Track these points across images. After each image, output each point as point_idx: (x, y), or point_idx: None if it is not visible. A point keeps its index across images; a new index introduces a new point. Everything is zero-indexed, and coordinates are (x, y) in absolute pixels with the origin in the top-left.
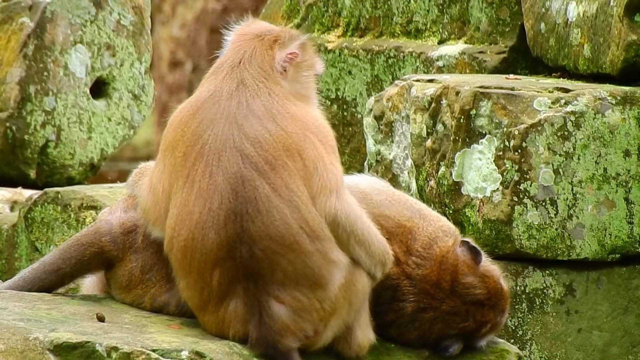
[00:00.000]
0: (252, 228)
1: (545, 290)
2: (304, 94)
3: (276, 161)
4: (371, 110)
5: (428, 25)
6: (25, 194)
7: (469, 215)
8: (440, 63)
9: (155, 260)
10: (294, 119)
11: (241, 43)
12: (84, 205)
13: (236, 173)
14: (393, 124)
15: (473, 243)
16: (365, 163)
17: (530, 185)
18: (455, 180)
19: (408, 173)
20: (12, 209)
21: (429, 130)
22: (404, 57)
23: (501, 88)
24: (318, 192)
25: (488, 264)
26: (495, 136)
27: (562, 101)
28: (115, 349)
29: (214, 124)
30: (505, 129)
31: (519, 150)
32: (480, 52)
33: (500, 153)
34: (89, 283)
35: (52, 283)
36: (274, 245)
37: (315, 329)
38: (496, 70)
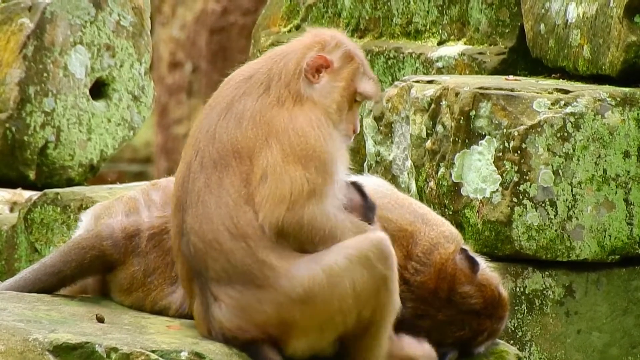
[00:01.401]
0: (188, 221)
1: (544, 292)
2: (322, 103)
3: (220, 160)
4: (371, 111)
5: (428, 27)
6: (24, 195)
7: (469, 217)
8: (439, 64)
9: (159, 264)
10: (262, 124)
11: (302, 38)
12: (84, 206)
13: (188, 163)
14: (393, 125)
15: (470, 252)
16: (365, 164)
17: (530, 187)
18: (454, 181)
19: (408, 174)
20: (11, 210)
21: (428, 131)
22: (403, 58)
23: (501, 89)
24: (264, 200)
25: (487, 272)
26: (495, 137)
27: (562, 102)
28: (115, 349)
29: (209, 109)
30: (504, 130)
31: (519, 152)
32: (480, 53)
33: (500, 154)
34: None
35: (52, 285)
36: (198, 241)
37: (267, 332)
38: (496, 71)
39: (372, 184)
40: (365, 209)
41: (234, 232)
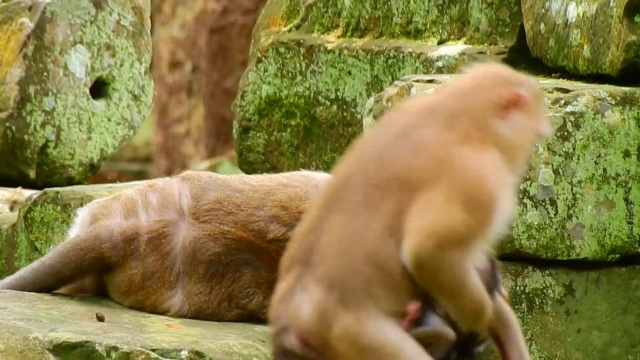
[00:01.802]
0: (331, 222)
1: (544, 290)
2: (511, 142)
3: (385, 184)
4: (371, 110)
5: (428, 26)
6: (25, 193)
7: None
8: (440, 63)
9: (157, 268)
10: (440, 159)
11: (480, 74)
12: (84, 204)
13: (347, 174)
14: None
15: None
16: None
17: (530, 186)
18: None
19: None
20: (11, 208)
21: None
22: (403, 57)
23: None
24: (416, 229)
25: None
26: None
27: (562, 101)
28: (115, 348)
29: (383, 129)
30: None
31: None
32: (480, 53)
33: None
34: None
35: (52, 285)
36: (331, 242)
37: (313, 349)
38: None
39: None
40: (491, 276)
41: (367, 257)
